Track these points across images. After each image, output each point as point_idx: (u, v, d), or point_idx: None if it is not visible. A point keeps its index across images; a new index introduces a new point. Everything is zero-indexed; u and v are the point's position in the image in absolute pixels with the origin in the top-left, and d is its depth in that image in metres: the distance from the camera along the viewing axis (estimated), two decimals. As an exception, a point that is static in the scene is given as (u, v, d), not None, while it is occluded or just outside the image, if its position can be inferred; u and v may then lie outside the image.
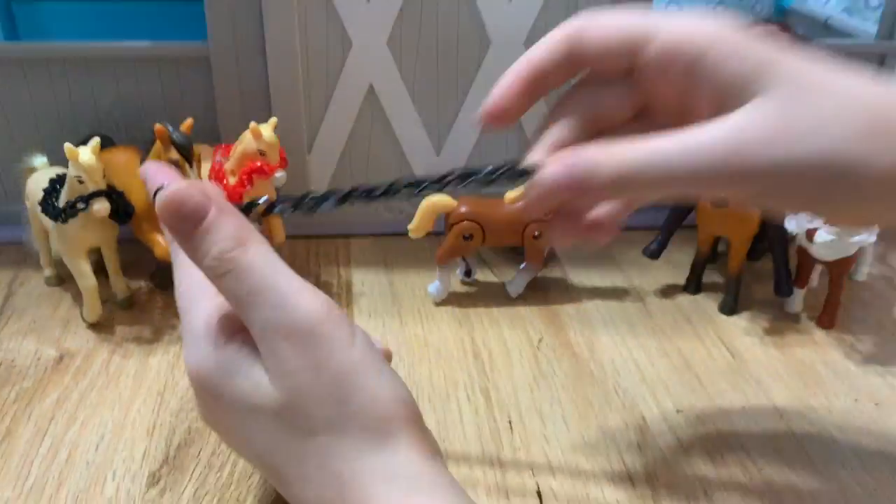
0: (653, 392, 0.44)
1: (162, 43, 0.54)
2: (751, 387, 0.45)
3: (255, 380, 0.27)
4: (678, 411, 0.43)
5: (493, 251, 0.59)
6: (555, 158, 0.28)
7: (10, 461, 0.38)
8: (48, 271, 0.53)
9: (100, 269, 0.49)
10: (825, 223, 0.44)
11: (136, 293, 0.52)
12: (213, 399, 0.29)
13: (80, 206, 0.44)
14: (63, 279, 0.53)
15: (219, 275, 0.27)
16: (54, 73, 0.54)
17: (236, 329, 0.29)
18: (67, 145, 0.43)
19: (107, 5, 0.73)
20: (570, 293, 0.54)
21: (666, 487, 0.37)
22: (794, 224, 0.48)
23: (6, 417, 0.41)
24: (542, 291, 0.54)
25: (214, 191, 0.28)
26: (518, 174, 0.29)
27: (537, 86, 0.30)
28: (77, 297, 0.51)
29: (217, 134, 0.55)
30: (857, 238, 0.45)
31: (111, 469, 0.38)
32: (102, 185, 0.44)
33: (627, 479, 0.38)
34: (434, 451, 0.28)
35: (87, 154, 0.43)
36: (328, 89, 0.55)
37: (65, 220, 0.44)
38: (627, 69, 0.29)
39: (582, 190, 0.27)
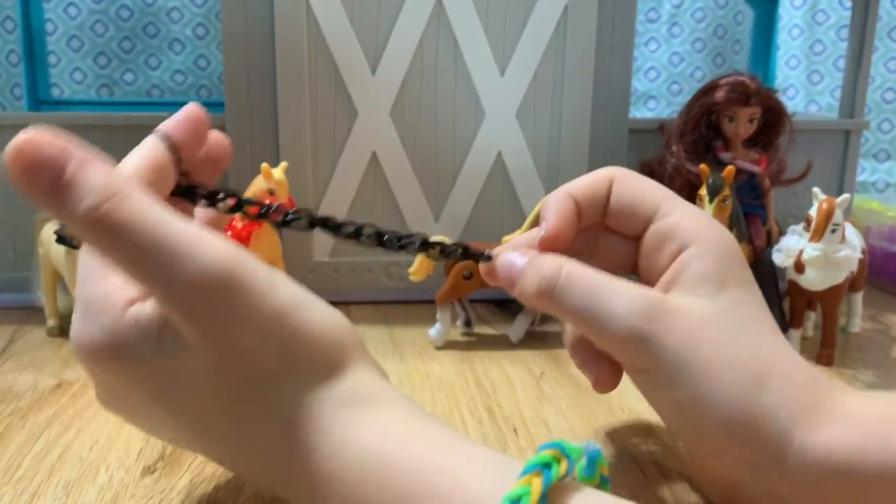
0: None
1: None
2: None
3: (173, 347, 0.24)
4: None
5: (488, 310, 0.60)
6: (514, 254, 0.31)
7: (0, 459, 0.37)
8: (52, 321, 0.53)
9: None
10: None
11: (137, 341, 0.52)
12: (116, 376, 0.26)
13: (96, 228, 0.45)
14: (65, 330, 0.54)
15: (93, 238, 0.23)
16: (78, 139, 0.58)
17: (139, 297, 0.26)
18: (89, 171, 0.45)
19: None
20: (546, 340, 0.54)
21: (677, 479, 0.36)
22: (783, 256, 0.50)
23: (-1, 427, 0.40)
24: (542, 340, 0.54)
25: (73, 140, 0.24)
26: (475, 257, 0.33)
27: (575, 219, 0.32)
28: (78, 343, 0.51)
29: (227, 198, 0.58)
30: (842, 253, 0.46)
31: (105, 464, 0.36)
32: (118, 212, 0.46)
33: (639, 471, 0.37)
34: (382, 373, 0.27)
35: (107, 180, 0.46)
36: (334, 157, 0.59)
37: (78, 246, 0.46)
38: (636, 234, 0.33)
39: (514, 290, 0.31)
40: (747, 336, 0.29)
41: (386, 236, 0.32)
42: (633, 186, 0.32)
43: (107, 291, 0.25)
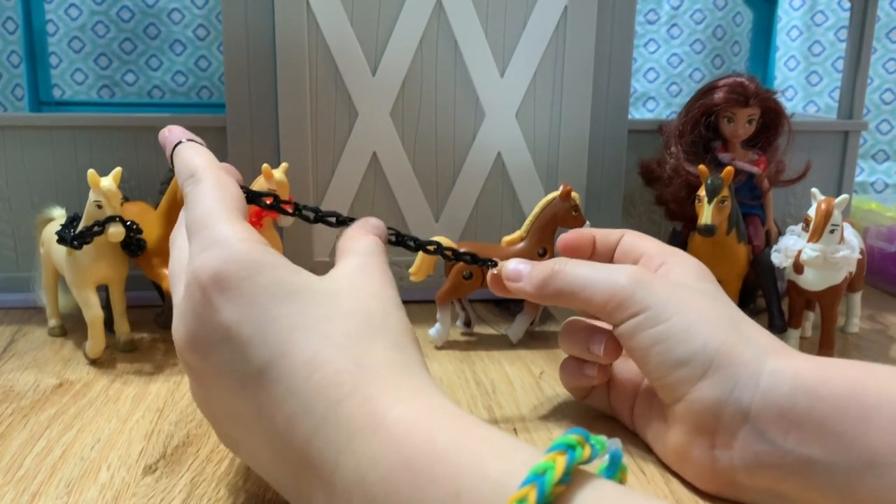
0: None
1: (180, 114, 0.59)
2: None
3: (299, 270, 0.29)
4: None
5: (488, 310, 0.60)
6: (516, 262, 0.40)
7: (1, 459, 0.37)
8: (53, 321, 0.53)
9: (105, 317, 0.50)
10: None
11: (137, 341, 0.52)
12: (224, 295, 0.27)
13: (97, 229, 0.45)
14: (66, 331, 0.54)
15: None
16: (79, 140, 0.58)
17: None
18: (91, 171, 0.46)
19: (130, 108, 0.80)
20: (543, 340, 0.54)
21: (676, 479, 0.36)
22: (781, 256, 0.50)
23: (0, 426, 0.40)
24: (541, 340, 0.54)
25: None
26: (482, 262, 0.41)
27: (590, 242, 0.42)
28: (79, 343, 0.51)
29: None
30: (841, 253, 0.47)
31: (106, 463, 0.37)
32: (119, 212, 0.46)
33: (640, 471, 0.37)
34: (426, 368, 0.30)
35: (108, 181, 0.46)
36: (334, 157, 0.59)
37: (79, 246, 0.46)
38: None
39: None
40: (722, 304, 0.35)
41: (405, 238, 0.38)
42: (637, 238, 0.41)
43: (239, 229, 0.29)
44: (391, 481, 0.23)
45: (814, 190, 0.49)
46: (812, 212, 0.47)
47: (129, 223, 0.47)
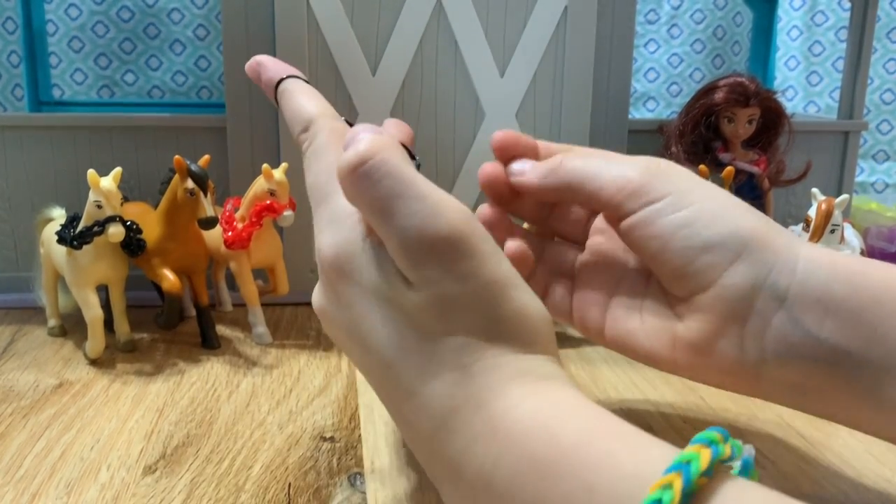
0: (658, 409, 0.44)
1: (181, 115, 0.59)
2: (754, 402, 0.44)
3: (395, 279, 0.26)
4: (685, 421, 0.42)
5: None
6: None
7: (1, 459, 0.37)
8: (52, 321, 0.53)
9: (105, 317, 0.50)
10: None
11: (137, 341, 0.52)
12: (345, 284, 0.27)
13: (97, 229, 0.45)
14: (66, 331, 0.54)
15: (352, 180, 0.27)
16: (79, 140, 0.58)
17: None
18: (91, 171, 0.46)
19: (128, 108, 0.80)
20: (569, 341, 0.54)
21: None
22: (781, 256, 0.50)
23: (0, 426, 0.40)
24: (541, 340, 0.54)
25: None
26: None
27: None
28: (79, 343, 0.51)
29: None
30: (843, 252, 0.46)
31: (106, 463, 0.37)
32: (119, 212, 0.46)
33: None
34: (565, 373, 0.28)
35: (108, 181, 0.46)
36: (334, 158, 0.59)
37: (79, 246, 0.46)
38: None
39: None
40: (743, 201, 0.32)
41: None
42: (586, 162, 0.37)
43: (354, 212, 0.28)
44: (516, 479, 0.22)
45: (814, 190, 0.49)
46: (812, 212, 0.47)
47: (128, 223, 0.47)
